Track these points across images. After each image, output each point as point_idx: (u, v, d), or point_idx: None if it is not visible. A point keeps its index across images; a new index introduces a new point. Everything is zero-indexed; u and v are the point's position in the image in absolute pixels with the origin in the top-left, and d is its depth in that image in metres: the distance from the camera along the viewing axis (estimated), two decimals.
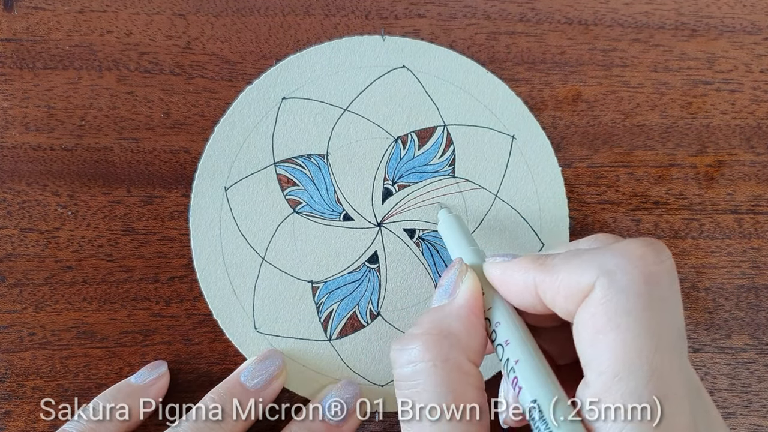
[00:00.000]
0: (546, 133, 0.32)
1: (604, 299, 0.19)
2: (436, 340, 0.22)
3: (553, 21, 0.33)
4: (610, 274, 0.19)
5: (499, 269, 0.23)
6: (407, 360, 0.22)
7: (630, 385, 0.18)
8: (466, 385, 0.21)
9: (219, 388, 0.28)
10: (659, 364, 0.18)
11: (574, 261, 0.20)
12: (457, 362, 0.22)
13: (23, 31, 0.31)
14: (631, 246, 0.20)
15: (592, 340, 0.19)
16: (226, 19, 0.32)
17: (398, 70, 0.32)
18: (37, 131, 0.31)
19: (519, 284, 0.22)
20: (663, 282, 0.19)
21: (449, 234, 0.28)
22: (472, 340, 0.22)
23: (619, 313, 0.19)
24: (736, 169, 0.33)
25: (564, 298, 0.20)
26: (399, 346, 0.22)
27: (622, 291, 0.19)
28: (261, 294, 0.31)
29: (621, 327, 0.19)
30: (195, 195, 0.31)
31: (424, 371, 0.21)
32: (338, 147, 0.32)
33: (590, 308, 0.19)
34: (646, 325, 0.19)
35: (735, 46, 0.34)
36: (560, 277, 0.20)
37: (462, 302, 0.23)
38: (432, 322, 0.23)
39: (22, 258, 0.30)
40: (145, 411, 0.28)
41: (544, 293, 0.21)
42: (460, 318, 0.23)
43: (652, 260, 0.19)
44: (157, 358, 0.30)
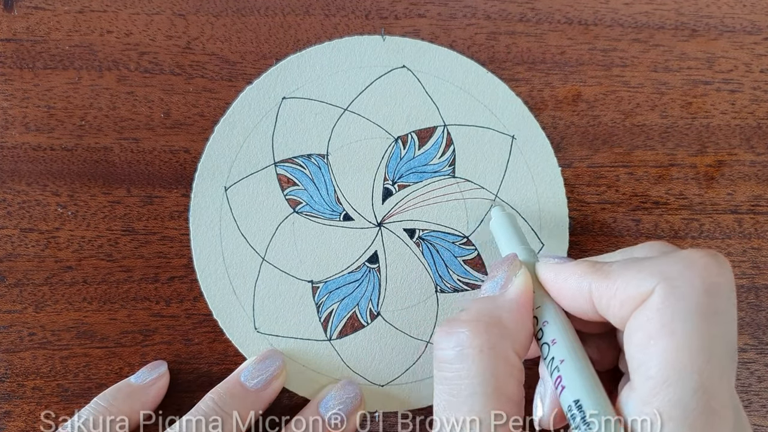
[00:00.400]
0: (546, 133, 0.32)
1: (663, 305, 0.19)
2: (486, 327, 0.22)
3: (553, 21, 0.33)
4: (670, 281, 0.19)
5: (552, 271, 0.23)
6: (456, 342, 0.22)
7: (677, 392, 0.18)
8: (509, 377, 0.21)
9: (219, 388, 0.28)
10: (709, 377, 0.18)
11: (634, 267, 0.20)
12: (504, 352, 0.22)
13: (23, 31, 0.31)
14: (695, 255, 0.20)
15: (645, 344, 0.19)
16: (226, 19, 0.32)
17: (398, 70, 0.32)
18: (37, 131, 0.31)
19: (572, 288, 0.22)
20: (723, 294, 0.19)
21: (502, 231, 0.28)
22: (520, 333, 0.22)
23: (675, 319, 0.19)
24: (736, 169, 0.33)
25: (620, 304, 0.20)
26: (447, 328, 0.22)
27: (682, 298, 0.19)
28: (261, 294, 0.31)
29: (676, 333, 0.18)
30: (195, 195, 0.31)
31: (470, 356, 0.21)
32: (338, 147, 0.32)
33: (647, 313, 0.19)
34: (702, 334, 0.18)
35: (735, 46, 0.34)
36: (618, 283, 0.20)
37: (513, 295, 0.23)
38: (482, 310, 0.23)
39: (22, 258, 0.30)
40: (144, 412, 0.28)
41: (599, 299, 0.21)
42: (511, 310, 0.23)
43: (715, 271, 0.19)
44: (157, 358, 0.30)
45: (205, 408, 0.27)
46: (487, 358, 0.21)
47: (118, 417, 0.27)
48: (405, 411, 0.31)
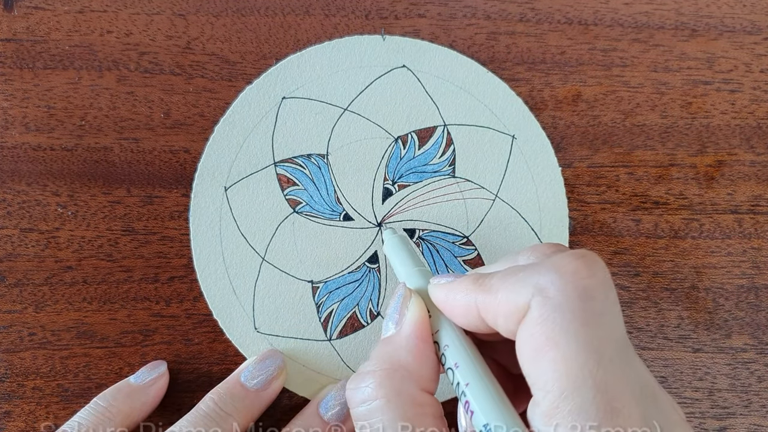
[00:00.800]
0: (546, 133, 0.32)
1: (541, 318, 0.19)
2: (388, 374, 0.22)
3: (553, 21, 0.33)
4: (544, 292, 0.19)
5: (443, 291, 0.23)
6: (362, 398, 0.22)
7: (577, 402, 0.18)
8: (422, 416, 0.21)
9: (219, 389, 0.28)
10: (603, 378, 0.18)
11: (510, 280, 0.20)
12: (410, 395, 0.21)
13: (23, 31, 0.31)
14: (563, 261, 0.20)
15: (534, 359, 0.19)
16: (226, 19, 0.32)
17: (398, 69, 0.32)
18: (37, 131, 0.31)
19: (462, 306, 0.22)
20: (598, 295, 0.19)
21: (394, 255, 0.28)
22: (423, 370, 0.22)
23: (556, 331, 0.19)
24: (736, 169, 0.33)
25: (504, 318, 0.20)
26: (353, 385, 0.22)
27: (557, 308, 0.19)
28: (261, 294, 0.31)
29: (560, 345, 0.18)
30: (195, 195, 0.31)
31: (378, 408, 0.21)
32: (338, 147, 0.32)
33: (528, 328, 0.19)
34: (586, 340, 0.18)
35: (735, 46, 0.34)
36: (499, 296, 0.20)
37: (408, 331, 0.23)
38: (382, 357, 0.22)
39: (22, 258, 0.30)
40: (144, 411, 0.28)
41: (486, 314, 0.21)
42: (409, 348, 0.22)
43: (585, 274, 0.19)
44: (157, 358, 0.30)
45: (205, 408, 0.27)
46: (395, 407, 0.21)
47: (117, 418, 0.27)
48: None
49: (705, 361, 0.32)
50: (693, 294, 0.32)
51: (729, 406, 0.32)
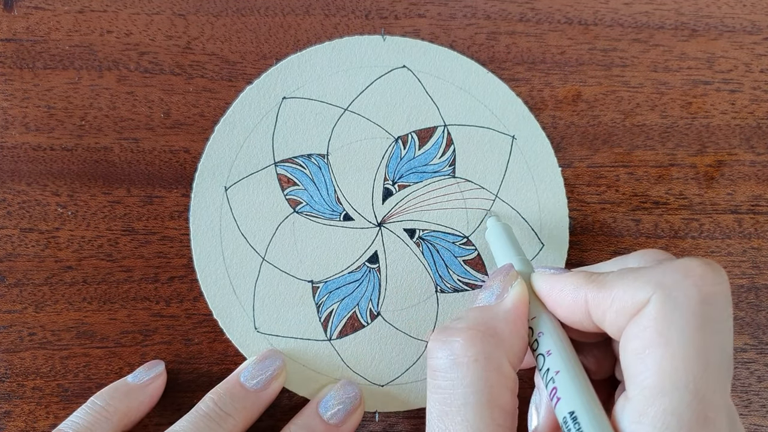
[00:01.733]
0: (546, 133, 0.32)
1: (658, 314, 0.19)
2: (482, 337, 0.22)
3: (553, 21, 0.33)
4: (666, 291, 0.19)
5: (548, 282, 0.23)
6: (450, 351, 0.22)
7: (673, 402, 0.18)
8: (503, 387, 0.21)
9: (219, 389, 0.28)
10: (704, 386, 0.18)
11: (630, 276, 0.20)
12: (498, 362, 0.22)
13: (23, 31, 0.31)
14: (691, 264, 0.20)
15: (640, 354, 0.19)
16: (226, 19, 0.32)
17: (398, 70, 0.32)
18: (37, 131, 0.31)
19: (568, 299, 0.22)
20: (719, 303, 0.19)
21: (497, 241, 0.28)
22: (515, 344, 0.22)
23: (671, 329, 0.19)
24: (736, 169, 0.33)
25: (615, 313, 0.20)
26: (441, 336, 0.22)
27: (678, 308, 0.19)
28: (261, 294, 0.31)
29: (672, 343, 0.18)
30: (195, 195, 0.31)
31: (465, 365, 0.21)
32: (338, 147, 0.32)
33: (643, 322, 0.19)
34: (698, 344, 0.18)
35: (735, 46, 0.34)
36: (614, 292, 0.20)
37: (509, 306, 0.23)
38: (478, 319, 0.22)
39: (22, 258, 0.30)
40: (141, 410, 0.28)
41: (596, 309, 0.21)
42: (507, 321, 0.23)
43: (711, 280, 0.19)
44: (157, 358, 0.30)
45: (204, 408, 0.27)
46: (481, 368, 0.21)
47: (115, 417, 0.27)
48: (405, 411, 0.31)
49: None
50: None
51: None
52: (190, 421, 0.27)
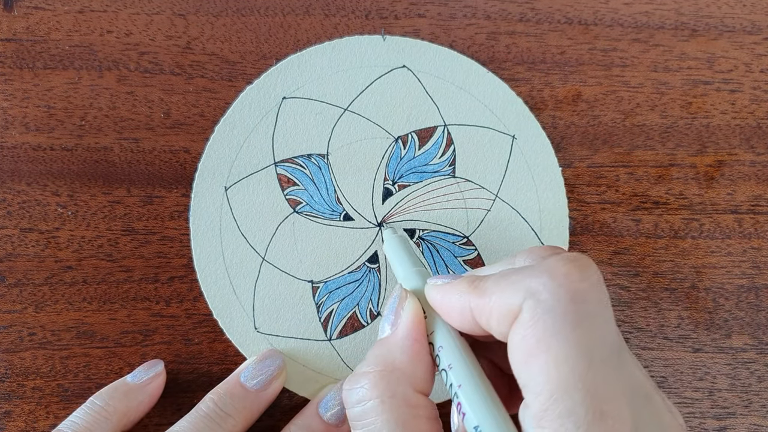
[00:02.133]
0: (546, 133, 0.32)
1: (532, 321, 0.19)
2: (382, 375, 0.22)
3: (553, 21, 0.33)
4: (535, 295, 0.19)
5: (439, 293, 0.23)
6: (357, 399, 0.22)
7: (567, 405, 0.18)
8: (416, 418, 0.21)
9: (219, 389, 0.28)
10: (593, 381, 0.18)
11: (503, 283, 0.20)
12: (404, 396, 0.22)
13: (23, 31, 0.31)
14: (556, 264, 0.20)
15: (525, 362, 0.19)
16: (226, 19, 0.32)
17: (398, 69, 0.32)
18: (37, 131, 0.31)
19: (456, 308, 0.22)
20: (590, 298, 0.19)
21: (394, 255, 0.28)
22: (417, 371, 0.22)
23: (548, 334, 0.19)
24: (736, 169, 0.33)
25: (497, 321, 0.20)
26: (348, 386, 0.23)
27: (549, 311, 0.19)
28: (261, 294, 0.31)
29: (552, 348, 0.18)
30: (195, 195, 0.31)
31: (372, 409, 0.21)
32: (338, 147, 0.32)
33: (520, 331, 0.19)
34: (576, 344, 0.18)
35: (735, 46, 0.34)
36: (492, 299, 0.20)
37: (404, 333, 0.23)
38: (378, 358, 0.23)
39: (22, 258, 0.30)
40: (141, 410, 0.28)
41: (480, 316, 0.21)
42: (404, 349, 0.23)
43: (577, 277, 0.19)
44: (157, 358, 0.30)
45: (205, 409, 0.27)
46: (389, 408, 0.21)
47: (114, 417, 0.27)
48: None
49: (705, 361, 0.32)
50: (693, 294, 0.32)
51: (729, 406, 0.32)
52: (190, 422, 0.27)
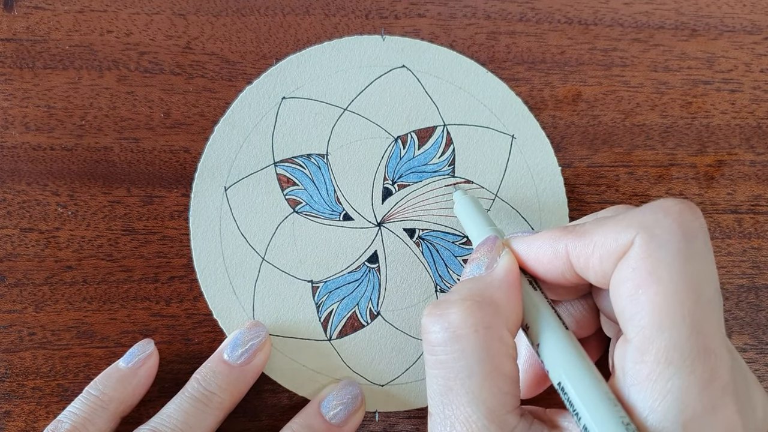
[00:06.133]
0: (546, 132, 0.32)
1: (645, 254, 0.19)
2: (479, 306, 0.21)
3: (553, 21, 0.33)
4: (649, 230, 0.19)
5: (525, 243, 0.23)
6: (447, 324, 0.21)
7: (673, 337, 0.18)
8: (504, 356, 0.21)
9: (203, 368, 0.28)
10: (700, 317, 0.18)
11: (609, 222, 0.21)
12: (498, 331, 0.21)
13: (23, 31, 0.31)
14: (667, 203, 0.20)
15: (633, 294, 0.19)
16: (226, 19, 0.32)
17: (398, 69, 0.32)
18: (37, 131, 0.31)
19: (548, 253, 0.22)
20: (700, 238, 0.20)
21: (468, 214, 0.28)
22: (512, 312, 0.22)
23: (660, 266, 0.19)
24: (736, 169, 0.33)
25: (599, 259, 0.20)
26: (437, 310, 0.22)
27: (663, 245, 0.19)
28: (261, 294, 0.31)
29: (663, 280, 0.19)
30: (195, 195, 0.31)
31: (464, 337, 0.21)
32: (338, 147, 0.32)
33: (630, 263, 0.19)
34: (687, 278, 0.19)
35: (735, 46, 0.34)
36: (595, 239, 0.21)
37: (502, 274, 0.23)
38: (472, 289, 0.22)
39: (22, 258, 0.30)
40: (136, 394, 0.28)
41: (577, 258, 0.21)
42: (502, 288, 0.22)
43: (689, 216, 0.20)
44: (148, 338, 0.30)
45: (190, 390, 0.28)
46: (482, 338, 0.21)
47: (111, 406, 0.27)
48: (405, 410, 0.31)
49: None
50: None
51: None
52: (177, 404, 0.27)
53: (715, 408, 0.18)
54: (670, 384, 0.18)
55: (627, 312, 0.19)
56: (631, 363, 0.19)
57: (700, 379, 0.18)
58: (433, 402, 0.21)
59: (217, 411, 0.27)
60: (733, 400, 0.18)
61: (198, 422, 0.27)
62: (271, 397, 0.31)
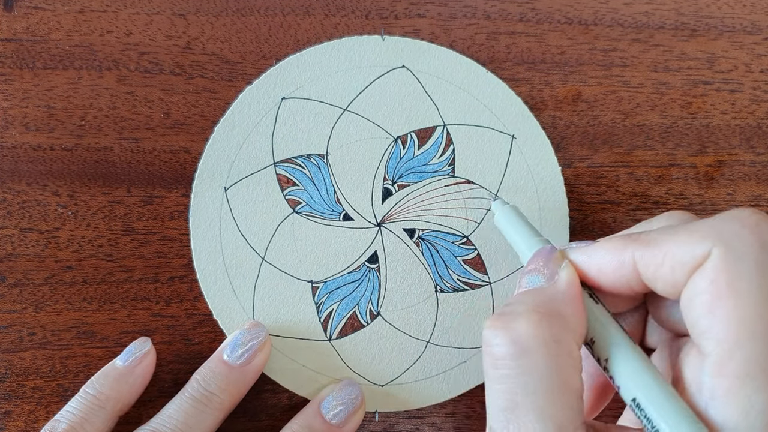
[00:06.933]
0: (546, 133, 0.32)
1: (724, 266, 0.19)
2: (548, 319, 0.21)
3: (553, 21, 0.33)
4: (726, 242, 0.19)
5: (585, 253, 0.23)
6: (513, 338, 0.20)
7: (754, 351, 0.18)
8: (572, 370, 0.20)
9: (203, 369, 0.28)
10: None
11: (682, 232, 0.20)
12: (568, 345, 0.20)
13: (23, 31, 0.31)
14: (744, 214, 0.20)
15: (710, 307, 0.19)
16: (226, 19, 0.32)
17: (398, 70, 0.32)
18: (37, 131, 0.31)
19: (613, 263, 0.22)
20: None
21: (512, 225, 0.27)
22: (578, 325, 0.21)
23: (740, 279, 0.19)
24: (736, 169, 0.33)
25: (671, 270, 0.20)
26: (500, 323, 0.21)
27: (742, 258, 0.19)
28: (261, 294, 0.31)
29: (742, 293, 0.18)
30: (195, 195, 0.31)
31: (533, 350, 0.20)
32: (338, 147, 0.32)
33: (708, 275, 0.19)
34: (766, 291, 0.18)
35: (735, 46, 0.34)
36: (665, 248, 0.20)
37: (565, 287, 0.22)
38: (537, 302, 0.21)
39: (22, 258, 0.30)
40: (133, 393, 0.28)
41: (646, 268, 0.21)
42: (567, 301, 0.21)
43: (766, 228, 0.19)
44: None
45: (190, 390, 0.28)
46: (553, 353, 0.20)
47: (108, 405, 0.27)
48: (405, 411, 0.31)
49: None
50: None
51: None
52: (177, 405, 0.27)
53: None
54: (753, 399, 0.18)
55: (703, 324, 0.19)
56: (708, 377, 0.19)
57: None
58: (496, 417, 0.20)
59: (217, 411, 0.27)
60: None
61: (198, 423, 0.27)
62: (271, 397, 0.31)
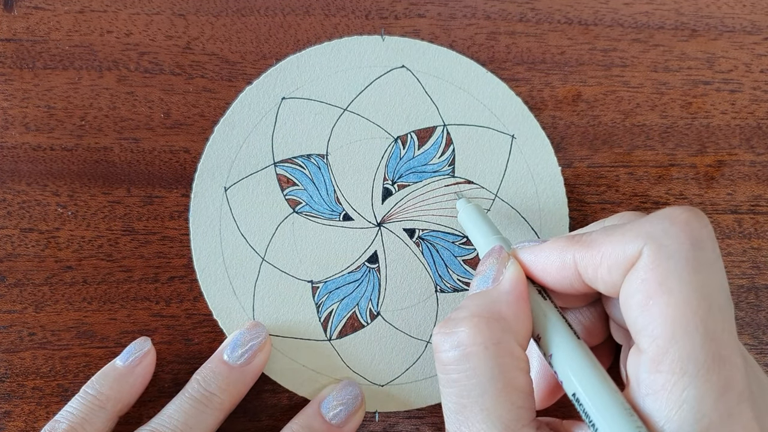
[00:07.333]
0: (546, 133, 0.32)
1: (654, 264, 0.19)
2: (487, 322, 0.21)
3: (553, 21, 0.33)
4: (657, 240, 0.19)
5: (532, 253, 0.23)
6: (456, 343, 0.21)
7: (687, 347, 0.18)
8: (516, 370, 0.21)
9: (203, 369, 0.28)
10: (713, 326, 0.18)
11: (617, 232, 0.21)
12: (508, 346, 0.21)
13: (23, 31, 0.32)
14: (675, 212, 0.20)
15: (644, 305, 0.19)
16: (226, 19, 0.32)
17: (398, 70, 0.32)
18: (37, 131, 0.31)
19: (556, 264, 0.22)
20: (708, 246, 0.20)
21: (472, 224, 0.28)
22: (521, 325, 0.22)
23: (670, 276, 0.19)
24: (736, 169, 0.33)
25: (608, 270, 0.20)
26: (446, 329, 0.22)
27: (671, 256, 0.19)
28: (261, 294, 0.31)
29: (673, 291, 0.19)
30: (195, 195, 0.31)
31: (474, 354, 0.21)
32: (338, 147, 0.32)
33: (640, 274, 0.19)
34: (698, 287, 0.19)
35: (735, 46, 0.34)
36: (602, 249, 0.21)
37: (510, 287, 0.23)
38: (480, 306, 0.22)
39: (22, 258, 0.30)
40: (133, 393, 0.28)
41: (585, 269, 0.21)
42: (509, 302, 0.22)
43: (697, 225, 0.20)
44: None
45: (190, 390, 0.28)
46: (493, 355, 0.21)
47: (108, 405, 0.27)
48: (405, 411, 0.31)
49: None
50: None
51: None
52: (177, 405, 0.27)
53: (732, 416, 0.18)
54: (686, 393, 0.18)
55: (639, 323, 0.19)
56: (646, 373, 0.19)
57: (715, 387, 0.18)
58: (449, 420, 0.22)
59: (217, 412, 0.27)
60: (750, 407, 0.18)
61: (198, 423, 0.27)
62: (271, 397, 0.31)
